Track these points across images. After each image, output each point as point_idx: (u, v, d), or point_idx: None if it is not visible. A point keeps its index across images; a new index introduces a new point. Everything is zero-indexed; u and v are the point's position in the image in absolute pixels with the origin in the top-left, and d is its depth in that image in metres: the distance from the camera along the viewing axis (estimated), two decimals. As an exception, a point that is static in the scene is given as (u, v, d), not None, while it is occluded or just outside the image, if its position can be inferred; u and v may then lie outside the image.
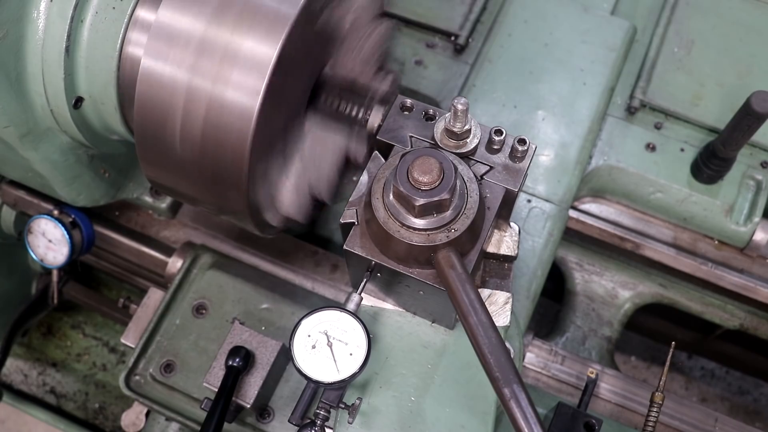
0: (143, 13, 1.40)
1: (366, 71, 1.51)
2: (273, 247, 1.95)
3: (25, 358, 2.67)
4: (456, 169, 1.23)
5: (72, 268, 2.33)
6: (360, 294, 1.38)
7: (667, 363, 1.61)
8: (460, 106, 1.26)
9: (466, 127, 1.31)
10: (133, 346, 1.78)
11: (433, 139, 1.35)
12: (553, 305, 2.69)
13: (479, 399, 1.45)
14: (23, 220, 2.18)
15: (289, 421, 1.42)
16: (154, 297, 1.86)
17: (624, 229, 2.22)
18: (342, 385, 1.34)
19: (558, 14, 2.19)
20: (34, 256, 2.06)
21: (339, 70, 1.47)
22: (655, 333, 2.94)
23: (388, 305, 1.52)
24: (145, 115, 1.32)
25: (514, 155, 1.35)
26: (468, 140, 1.33)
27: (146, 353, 1.76)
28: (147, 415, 1.87)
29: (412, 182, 1.20)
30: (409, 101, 1.40)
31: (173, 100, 1.28)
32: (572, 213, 2.19)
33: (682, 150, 2.13)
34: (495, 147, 1.35)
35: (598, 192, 2.21)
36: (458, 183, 1.24)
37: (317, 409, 1.38)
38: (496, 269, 1.45)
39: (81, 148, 1.62)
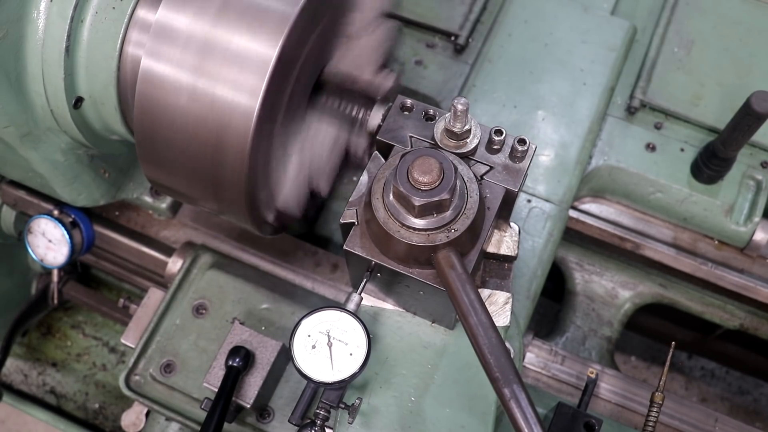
0: (143, 13, 1.40)
1: (368, 70, 1.51)
2: (273, 247, 1.95)
3: (25, 358, 2.67)
4: (456, 169, 1.23)
5: (72, 268, 2.33)
6: (360, 294, 1.38)
7: (667, 363, 1.61)
8: (460, 106, 1.26)
9: (466, 127, 1.31)
10: (133, 346, 1.78)
11: (433, 139, 1.35)
12: (553, 305, 2.69)
13: (479, 399, 1.45)
14: (23, 220, 2.18)
15: (289, 421, 1.42)
16: (154, 297, 1.86)
17: (624, 229, 2.22)
18: (342, 385, 1.34)
19: (558, 14, 2.19)
20: (34, 256, 2.06)
21: (340, 68, 1.47)
22: (655, 333, 2.94)
23: (388, 305, 1.52)
24: (145, 115, 1.32)
25: (514, 155, 1.34)
26: (468, 140, 1.33)
27: (146, 353, 1.76)
28: (147, 415, 1.87)
29: (412, 182, 1.19)
30: (409, 101, 1.40)
31: (173, 100, 1.28)
32: (572, 213, 2.19)
33: (682, 150, 2.13)
34: (495, 147, 1.35)
35: (598, 192, 2.21)
36: (458, 183, 1.24)
37: (317, 409, 1.38)
38: (496, 269, 1.45)
39: (81, 148, 1.62)
